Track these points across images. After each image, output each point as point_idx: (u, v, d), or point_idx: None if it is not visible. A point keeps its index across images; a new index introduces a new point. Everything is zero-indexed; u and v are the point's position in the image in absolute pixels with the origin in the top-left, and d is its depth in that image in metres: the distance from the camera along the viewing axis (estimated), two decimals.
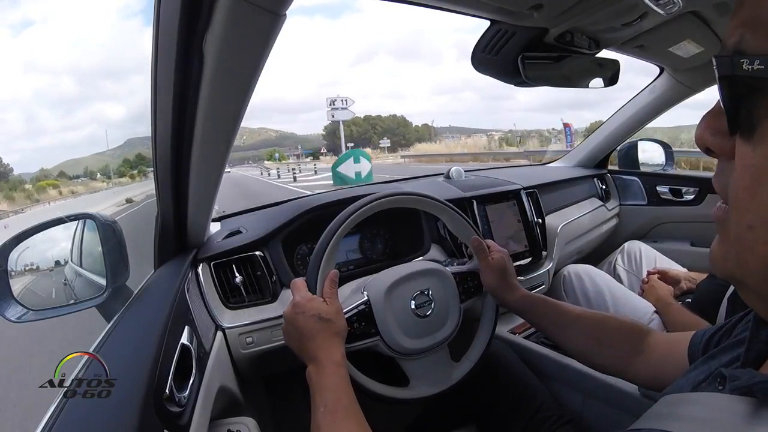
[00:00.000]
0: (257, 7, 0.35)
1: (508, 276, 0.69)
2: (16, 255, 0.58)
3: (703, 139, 0.25)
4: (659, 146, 1.66)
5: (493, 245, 0.73)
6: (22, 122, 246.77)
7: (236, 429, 0.64)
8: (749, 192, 0.22)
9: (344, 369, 0.53)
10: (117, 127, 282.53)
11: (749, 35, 0.21)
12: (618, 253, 1.40)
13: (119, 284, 0.64)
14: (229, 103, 0.47)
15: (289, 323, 0.57)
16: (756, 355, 0.29)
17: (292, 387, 1.04)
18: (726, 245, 0.25)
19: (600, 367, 0.62)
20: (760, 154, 0.21)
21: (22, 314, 0.56)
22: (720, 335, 0.43)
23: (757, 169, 0.21)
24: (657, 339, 0.56)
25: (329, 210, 0.84)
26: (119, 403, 0.38)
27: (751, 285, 0.24)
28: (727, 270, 0.25)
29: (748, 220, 0.22)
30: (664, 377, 0.52)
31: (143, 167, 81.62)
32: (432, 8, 0.62)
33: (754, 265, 0.23)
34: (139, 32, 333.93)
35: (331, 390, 0.50)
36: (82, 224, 0.70)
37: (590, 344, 0.61)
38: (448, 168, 1.31)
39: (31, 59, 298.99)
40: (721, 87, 0.22)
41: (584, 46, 0.77)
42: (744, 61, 0.20)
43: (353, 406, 0.49)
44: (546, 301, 0.68)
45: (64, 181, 60.21)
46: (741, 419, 0.24)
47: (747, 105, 0.21)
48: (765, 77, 0.20)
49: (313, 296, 0.58)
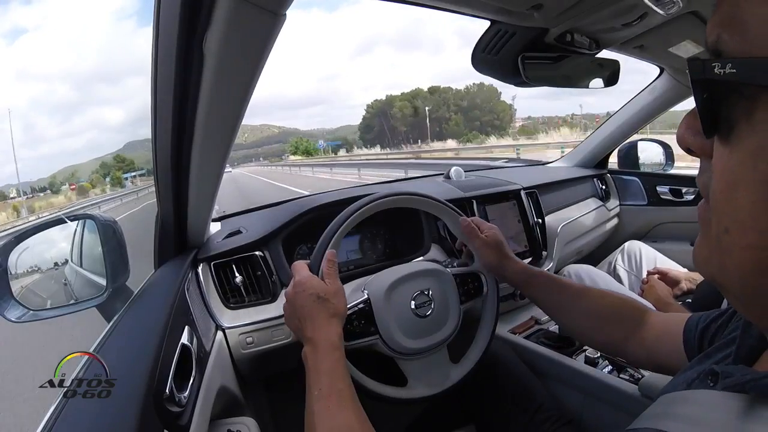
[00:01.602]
0: (257, 7, 0.35)
1: (504, 249, 0.69)
2: (16, 255, 0.58)
3: (684, 139, 0.25)
4: (659, 146, 1.66)
5: (481, 222, 0.72)
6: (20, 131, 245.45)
7: (236, 429, 0.64)
8: (725, 196, 0.22)
9: (340, 351, 0.52)
10: (118, 131, 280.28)
11: (726, 35, 0.21)
12: (618, 253, 1.40)
13: (119, 284, 0.64)
14: (230, 103, 0.47)
15: (289, 303, 0.57)
16: (747, 352, 0.29)
17: (292, 387, 1.04)
18: (708, 247, 0.25)
19: (599, 345, 0.62)
20: (736, 158, 0.21)
21: (22, 314, 0.56)
22: (716, 327, 0.43)
23: (733, 174, 0.21)
24: (653, 318, 0.56)
25: (329, 210, 0.84)
26: (119, 403, 0.38)
27: (731, 290, 0.24)
28: (710, 273, 0.25)
29: (725, 223, 0.22)
30: (657, 357, 0.52)
31: (118, 173, 72.35)
32: (432, 8, 0.62)
33: (732, 268, 0.23)
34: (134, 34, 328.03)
35: (326, 373, 0.49)
36: (82, 224, 0.70)
37: (591, 321, 0.61)
38: (448, 168, 1.31)
39: (27, 67, 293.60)
40: (695, 91, 0.22)
41: (584, 46, 0.77)
42: (716, 65, 0.20)
43: (348, 390, 0.49)
44: (546, 275, 0.67)
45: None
46: (734, 416, 0.24)
47: (723, 107, 0.21)
48: (737, 81, 0.20)
49: (312, 275, 0.58)
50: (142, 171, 78.66)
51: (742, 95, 0.20)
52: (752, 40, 0.19)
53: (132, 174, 73.28)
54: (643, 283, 1.16)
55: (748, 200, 0.20)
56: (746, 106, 0.20)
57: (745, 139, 0.20)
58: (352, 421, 0.46)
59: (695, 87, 0.22)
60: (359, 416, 0.47)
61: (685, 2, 0.68)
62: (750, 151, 0.20)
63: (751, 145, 0.20)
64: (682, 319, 0.49)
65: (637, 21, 0.73)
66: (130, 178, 70.84)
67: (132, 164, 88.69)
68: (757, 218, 0.20)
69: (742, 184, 0.21)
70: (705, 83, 0.21)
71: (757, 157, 0.20)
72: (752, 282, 0.22)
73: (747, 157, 0.20)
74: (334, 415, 0.46)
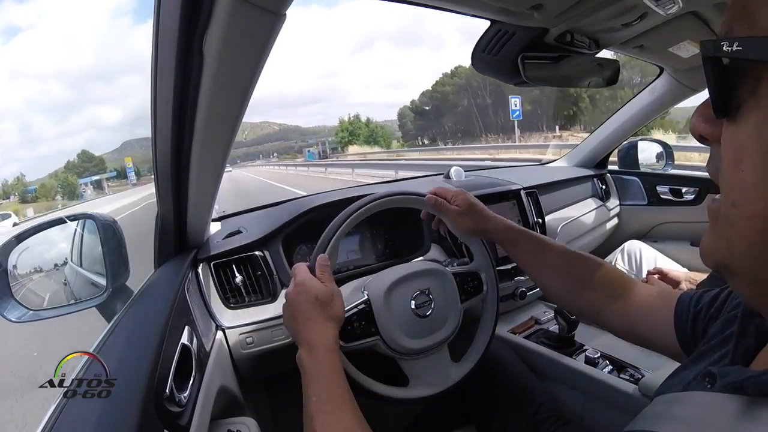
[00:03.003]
0: (257, 7, 0.34)
1: (478, 209, 0.68)
2: (16, 255, 0.58)
3: (696, 126, 0.26)
4: (659, 146, 1.66)
5: (446, 191, 0.70)
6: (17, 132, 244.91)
7: (236, 429, 0.64)
8: (732, 168, 0.23)
9: (337, 356, 0.52)
10: (116, 131, 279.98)
11: (736, 25, 0.22)
12: (618, 253, 1.40)
13: (119, 284, 0.64)
14: (229, 103, 0.46)
15: (288, 304, 0.56)
16: (745, 351, 0.29)
17: (292, 387, 1.04)
18: (716, 234, 0.25)
19: (577, 311, 0.60)
20: (743, 132, 0.22)
21: (22, 314, 0.56)
22: (710, 314, 0.42)
23: (740, 148, 0.22)
24: (639, 289, 0.54)
25: (329, 210, 0.84)
26: (119, 403, 0.38)
27: (738, 269, 0.24)
28: (717, 258, 0.25)
29: (732, 197, 0.23)
30: (639, 329, 0.51)
31: (71, 178, 58.17)
32: (432, 8, 0.62)
33: (738, 244, 0.23)
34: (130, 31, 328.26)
35: (324, 378, 0.49)
36: (82, 224, 0.70)
37: (570, 285, 0.59)
38: (448, 168, 1.31)
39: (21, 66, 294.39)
40: (706, 69, 0.23)
41: (584, 46, 0.77)
42: (724, 43, 0.21)
43: (347, 395, 0.48)
44: (531, 233, 0.66)
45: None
46: (733, 417, 0.24)
47: (732, 88, 0.22)
48: (744, 58, 0.21)
49: (313, 277, 0.58)
50: (112, 173, 65.14)
51: (748, 77, 0.21)
52: (759, 26, 0.21)
53: (93, 179, 59.94)
54: (642, 283, 1.16)
55: (752, 170, 0.21)
56: (752, 85, 0.21)
57: (750, 114, 0.21)
58: (354, 427, 0.45)
59: (706, 66, 0.23)
60: (359, 421, 0.46)
61: (684, 2, 0.68)
62: (755, 123, 0.21)
63: (756, 117, 0.21)
64: (671, 296, 0.48)
65: (637, 21, 0.73)
66: (89, 183, 57.81)
67: (102, 164, 76.19)
68: (761, 187, 0.21)
69: (747, 155, 0.22)
70: (715, 62, 0.22)
71: (761, 129, 0.21)
72: (758, 254, 0.22)
73: (752, 130, 0.21)
74: (335, 420, 0.45)
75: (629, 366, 0.83)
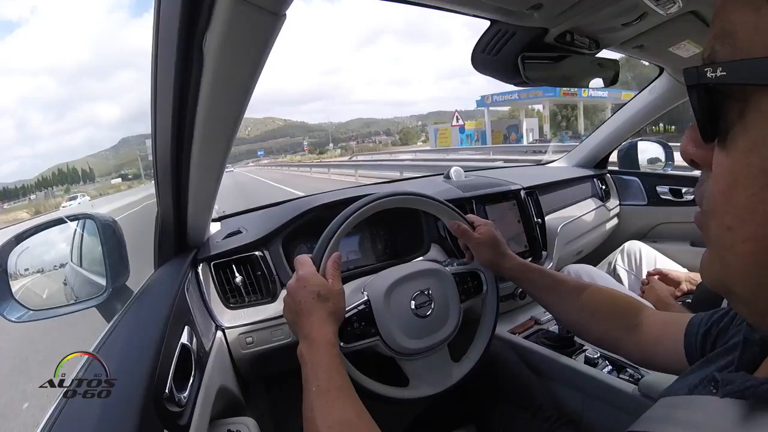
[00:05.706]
0: (257, 7, 0.35)
1: (500, 246, 0.70)
2: (16, 255, 0.58)
3: (686, 150, 0.26)
4: (659, 146, 1.66)
5: (475, 219, 0.74)
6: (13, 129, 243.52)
7: (236, 429, 0.64)
8: (724, 195, 0.23)
9: (336, 349, 0.52)
10: (114, 128, 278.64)
11: (718, 46, 0.22)
12: (618, 253, 1.40)
13: (119, 284, 0.64)
14: (229, 103, 0.47)
15: (290, 296, 0.56)
16: (750, 359, 0.30)
17: (292, 387, 1.04)
18: (713, 255, 0.25)
19: (594, 341, 0.63)
20: (733, 157, 0.22)
21: (22, 314, 0.56)
22: (718, 330, 0.43)
23: (731, 174, 0.22)
24: (651, 317, 0.56)
25: (329, 210, 0.84)
26: (119, 403, 0.38)
27: (736, 290, 0.24)
28: (714, 277, 0.25)
29: (727, 222, 0.23)
30: (655, 357, 0.53)
31: None
32: (432, 8, 0.62)
33: (735, 265, 0.23)
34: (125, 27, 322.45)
35: (323, 369, 0.49)
36: (81, 224, 0.70)
37: (585, 317, 0.62)
38: (448, 168, 1.31)
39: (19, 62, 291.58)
40: (691, 95, 0.23)
41: (584, 46, 0.77)
42: (707, 69, 0.21)
43: (346, 385, 0.49)
44: (542, 270, 0.69)
45: None
46: (734, 423, 0.24)
47: (719, 112, 0.22)
48: (729, 83, 0.21)
49: (316, 272, 0.58)
50: None
51: (735, 100, 0.21)
52: (741, 46, 0.21)
53: None
54: (642, 284, 1.16)
55: (745, 195, 0.21)
56: (739, 108, 0.21)
57: (739, 139, 0.21)
58: (352, 416, 0.46)
59: (691, 93, 0.23)
60: (359, 410, 0.46)
61: (684, 2, 0.68)
62: (744, 149, 0.21)
63: (745, 143, 0.21)
64: (682, 321, 0.49)
65: (637, 21, 0.73)
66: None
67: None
68: (754, 211, 0.21)
69: (739, 181, 0.22)
70: (699, 88, 0.22)
71: (750, 153, 0.21)
72: (755, 275, 0.22)
73: (741, 155, 0.21)
74: (334, 409, 0.46)
75: (629, 366, 0.83)
